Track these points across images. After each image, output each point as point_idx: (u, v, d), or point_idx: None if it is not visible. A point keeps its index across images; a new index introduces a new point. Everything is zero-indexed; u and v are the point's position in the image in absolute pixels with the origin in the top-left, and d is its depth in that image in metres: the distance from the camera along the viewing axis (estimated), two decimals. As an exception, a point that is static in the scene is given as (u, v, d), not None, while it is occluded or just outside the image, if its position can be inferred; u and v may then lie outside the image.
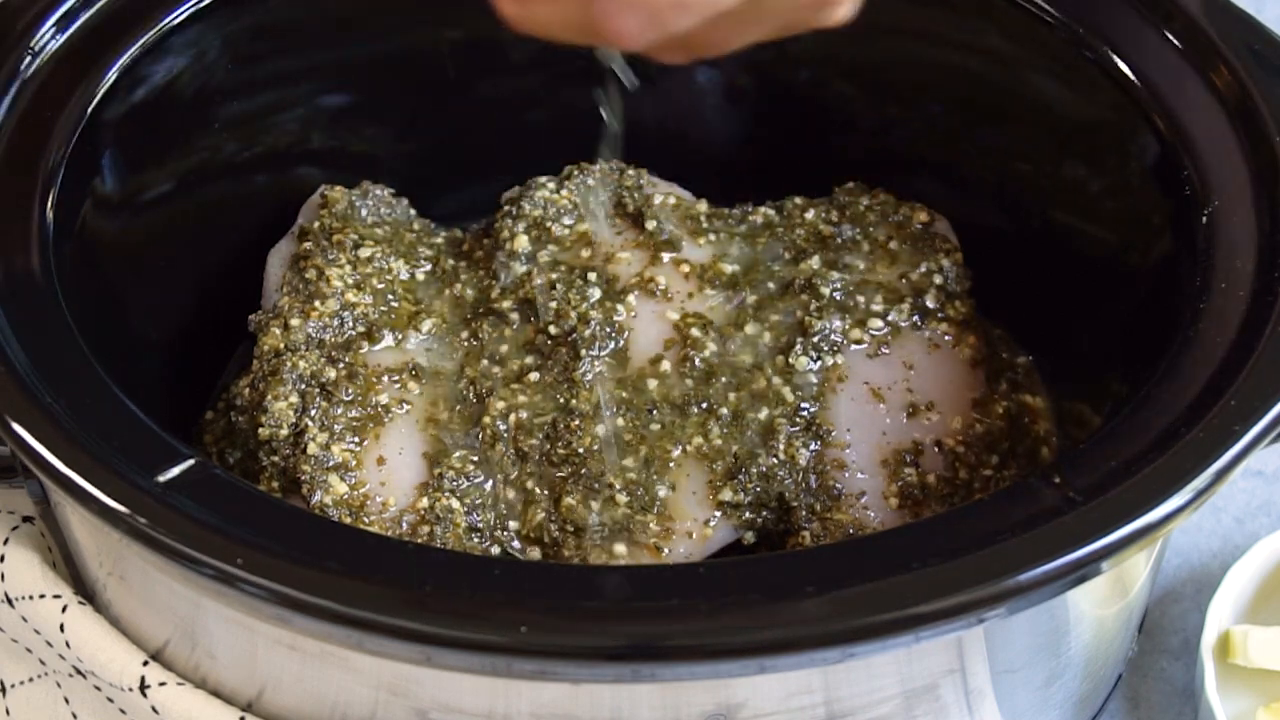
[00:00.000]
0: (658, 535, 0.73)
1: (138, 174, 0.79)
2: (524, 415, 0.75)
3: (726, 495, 0.74)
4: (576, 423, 0.75)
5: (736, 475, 0.74)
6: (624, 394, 0.76)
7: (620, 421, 0.75)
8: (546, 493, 0.74)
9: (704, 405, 0.76)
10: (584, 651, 0.56)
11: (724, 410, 0.76)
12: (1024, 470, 0.79)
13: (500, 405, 0.76)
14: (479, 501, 0.74)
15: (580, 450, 0.74)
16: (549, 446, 0.75)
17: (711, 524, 0.74)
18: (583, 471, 0.73)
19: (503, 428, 0.75)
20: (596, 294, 0.80)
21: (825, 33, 0.86)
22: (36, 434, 0.61)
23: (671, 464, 0.74)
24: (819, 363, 0.77)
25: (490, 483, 0.75)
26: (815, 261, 0.81)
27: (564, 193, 0.84)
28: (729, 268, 0.82)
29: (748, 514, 0.74)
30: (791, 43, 0.87)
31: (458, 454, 0.75)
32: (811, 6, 0.60)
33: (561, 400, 0.76)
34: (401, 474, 0.74)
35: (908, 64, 0.85)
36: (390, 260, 0.82)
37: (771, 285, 0.81)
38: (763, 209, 0.86)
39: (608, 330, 0.78)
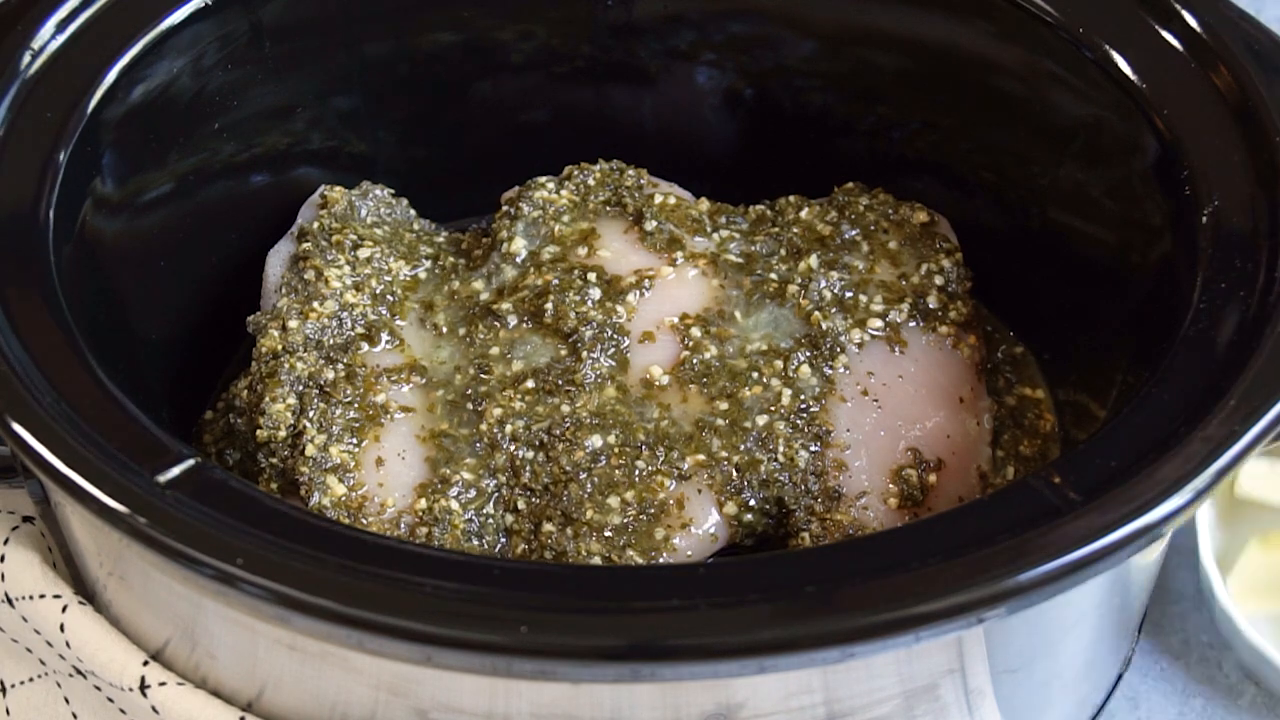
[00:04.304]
0: (659, 545, 0.73)
1: (138, 174, 0.79)
2: (520, 423, 0.75)
3: (731, 510, 0.74)
4: (570, 430, 0.75)
5: (742, 491, 0.74)
6: (622, 409, 0.76)
7: (612, 439, 0.75)
8: (530, 524, 0.73)
9: (702, 420, 0.76)
10: (584, 651, 0.56)
11: (720, 421, 0.75)
12: (1030, 468, 0.79)
13: (498, 411, 0.76)
14: (480, 509, 0.74)
15: (568, 467, 0.74)
16: (542, 457, 0.74)
17: (714, 531, 0.74)
18: (563, 495, 0.73)
19: (499, 434, 0.75)
20: (596, 294, 0.80)
21: (825, 33, 0.86)
22: (36, 434, 0.61)
23: (659, 501, 0.74)
24: (819, 364, 0.77)
25: (491, 486, 0.74)
26: (814, 261, 0.81)
27: (564, 193, 0.84)
28: (729, 267, 0.82)
29: (749, 517, 0.74)
30: (791, 44, 0.87)
31: (465, 461, 0.75)
32: None
33: (559, 404, 0.76)
34: (400, 475, 0.74)
35: (907, 65, 0.85)
36: (389, 261, 0.82)
37: (772, 284, 0.81)
38: (756, 207, 0.86)
39: (608, 332, 0.78)
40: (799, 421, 0.76)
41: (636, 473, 0.74)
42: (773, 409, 0.76)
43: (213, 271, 0.85)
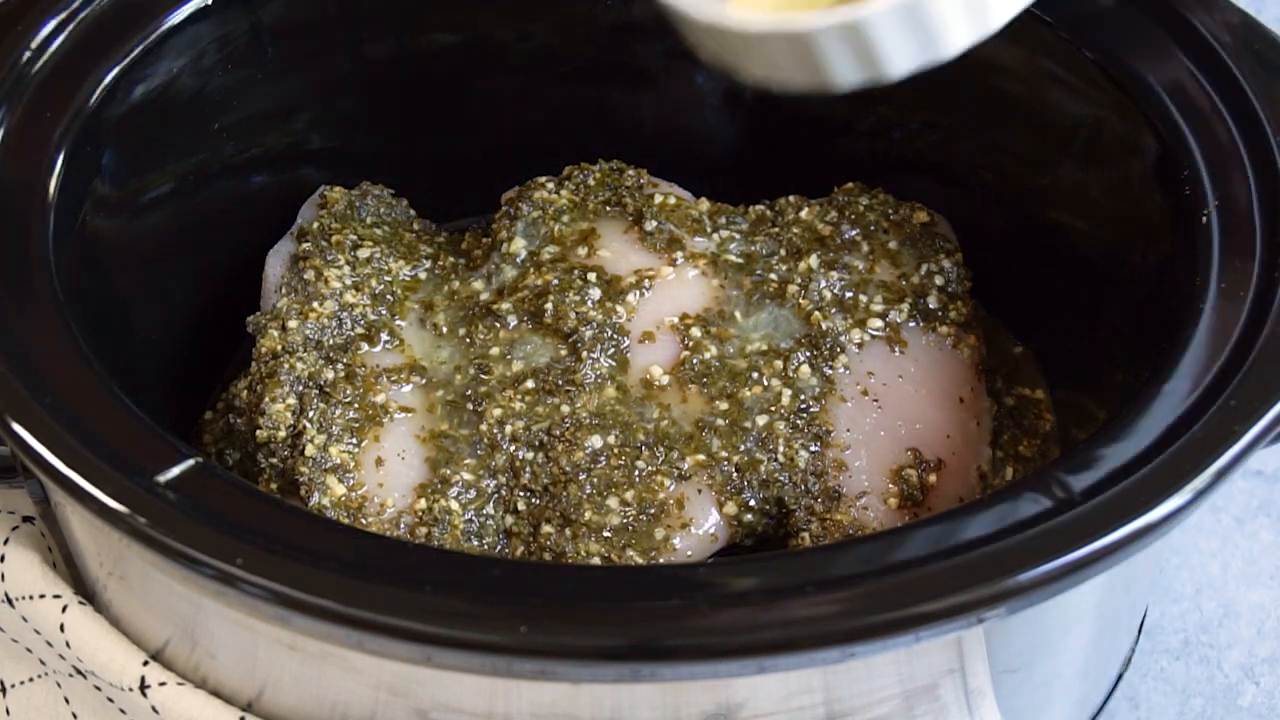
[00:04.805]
0: (659, 545, 0.73)
1: (138, 174, 0.79)
2: (520, 424, 0.75)
3: (731, 510, 0.74)
4: (570, 430, 0.75)
5: (742, 491, 0.74)
6: (622, 409, 0.76)
7: (611, 440, 0.75)
8: (529, 525, 0.73)
9: (702, 420, 0.76)
10: (584, 651, 0.56)
11: (720, 421, 0.75)
12: (1029, 468, 0.79)
13: (498, 411, 0.76)
14: (480, 510, 0.74)
15: (568, 468, 0.74)
16: (542, 457, 0.74)
17: (713, 532, 0.74)
18: (562, 496, 0.73)
19: (499, 435, 0.75)
20: (596, 294, 0.80)
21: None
22: (36, 434, 0.61)
23: (659, 501, 0.73)
24: (819, 364, 0.77)
25: (491, 487, 0.74)
26: (814, 261, 0.81)
27: (564, 193, 0.84)
28: (729, 268, 0.82)
29: (749, 517, 0.74)
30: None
31: (465, 461, 0.75)
32: None
33: (559, 404, 0.76)
34: (400, 476, 0.74)
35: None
36: (389, 261, 0.82)
37: (772, 285, 0.81)
38: (756, 207, 0.86)
39: (608, 332, 0.78)
40: (799, 421, 0.76)
41: (636, 473, 0.74)
42: (773, 409, 0.76)
43: (213, 271, 0.85)
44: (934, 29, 0.63)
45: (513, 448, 0.75)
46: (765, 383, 0.77)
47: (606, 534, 0.72)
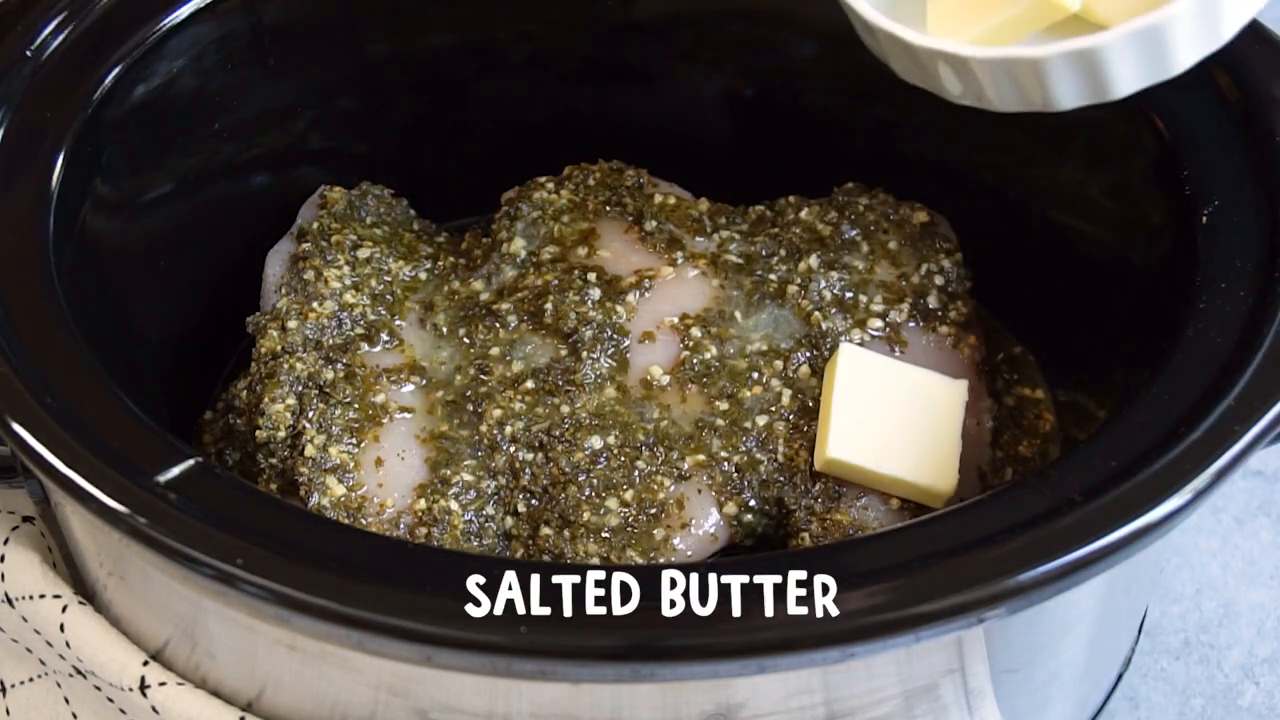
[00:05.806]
0: (659, 545, 0.72)
1: (138, 174, 0.79)
2: (520, 424, 0.75)
3: (731, 510, 0.74)
4: (570, 431, 0.75)
5: (741, 491, 0.74)
6: (622, 410, 0.76)
7: (611, 440, 0.75)
8: (528, 527, 0.73)
9: (702, 420, 0.76)
10: (584, 651, 0.56)
11: (720, 421, 0.75)
12: (1029, 468, 0.79)
13: (498, 412, 0.76)
14: (480, 510, 0.74)
15: (567, 469, 0.74)
16: (542, 458, 0.74)
17: (713, 532, 0.74)
18: (561, 498, 0.73)
19: (499, 436, 0.75)
20: (596, 294, 0.80)
21: (825, 33, 0.86)
22: (36, 434, 0.61)
23: (659, 501, 0.73)
24: (820, 365, 0.77)
25: (491, 488, 0.74)
26: (814, 261, 0.81)
27: (564, 193, 0.84)
28: (729, 268, 0.82)
29: (749, 517, 0.74)
30: (791, 44, 0.87)
31: (465, 462, 0.75)
32: None
33: (559, 405, 0.76)
34: (399, 476, 0.74)
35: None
36: (389, 261, 0.82)
37: (772, 285, 0.81)
38: (756, 208, 0.86)
39: (608, 332, 0.78)
40: (799, 422, 0.76)
41: (636, 473, 0.74)
42: (773, 409, 0.76)
43: (213, 271, 0.85)
44: (1166, 52, 0.64)
45: (512, 448, 0.75)
46: (765, 383, 0.77)
47: (605, 535, 0.72)
